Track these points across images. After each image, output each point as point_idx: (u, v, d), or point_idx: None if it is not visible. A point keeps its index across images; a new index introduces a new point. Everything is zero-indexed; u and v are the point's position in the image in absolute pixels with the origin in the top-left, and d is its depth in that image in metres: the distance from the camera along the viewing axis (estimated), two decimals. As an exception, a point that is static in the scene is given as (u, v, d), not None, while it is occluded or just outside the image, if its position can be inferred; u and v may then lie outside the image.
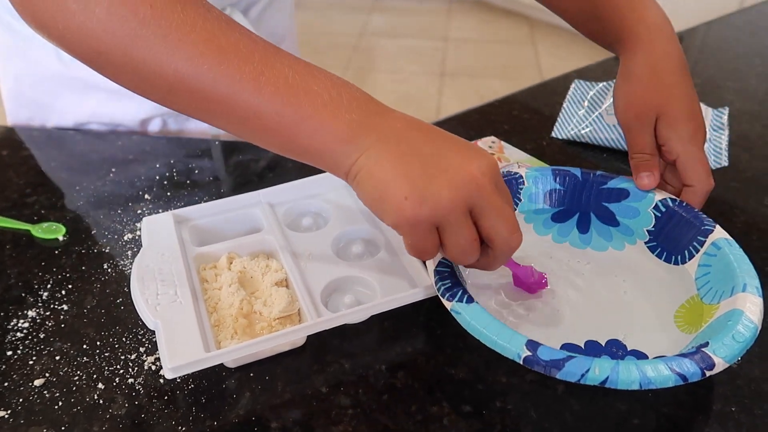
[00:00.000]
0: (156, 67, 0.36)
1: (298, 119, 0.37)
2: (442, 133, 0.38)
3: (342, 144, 0.37)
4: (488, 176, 0.36)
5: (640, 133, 0.49)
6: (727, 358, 0.36)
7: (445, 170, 0.36)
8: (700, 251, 0.46)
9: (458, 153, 0.37)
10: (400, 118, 0.38)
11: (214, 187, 0.61)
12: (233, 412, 0.40)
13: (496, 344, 0.37)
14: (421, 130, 0.38)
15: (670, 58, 0.50)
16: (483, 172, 0.36)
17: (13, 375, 0.42)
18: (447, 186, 0.35)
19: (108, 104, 0.69)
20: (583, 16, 0.56)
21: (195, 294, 0.44)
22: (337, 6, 3.47)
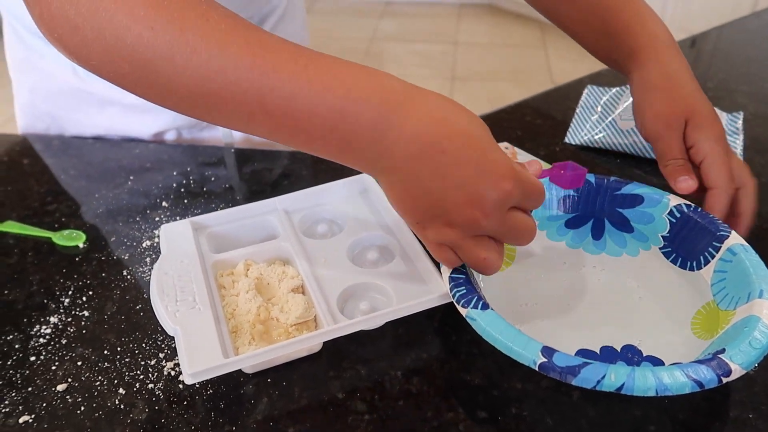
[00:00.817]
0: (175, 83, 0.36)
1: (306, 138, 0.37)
2: (458, 160, 0.36)
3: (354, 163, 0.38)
4: (492, 215, 0.36)
5: (671, 140, 0.51)
6: (743, 364, 0.36)
7: (446, 212, 0.37)
8: (716, 257, 0.46)
9: (464, 193, 0.36)
10: (411, 139, 0.36)
11: (230, 195, 0.62)
12: (251, 418, 0.41)
13: (512, 351, 0.38)
14: (432, 159, 0.36)
15: (684, 69, 0.53)
16: (486, 213, 0.36)
17: (37, 380, 0.43)
18: (449, 225, 0.37)
19: (123, 118, 0.70)
20: (594, 34, 0.57)
21: (213, 300, 0.44)
22: (347, 11, 3.49)
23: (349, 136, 0.36)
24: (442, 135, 0.36)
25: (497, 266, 0.40)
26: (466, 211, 0.36)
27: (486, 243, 0.39)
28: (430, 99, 0.37)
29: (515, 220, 0.38)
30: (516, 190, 0.37)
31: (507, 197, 0.36)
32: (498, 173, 0.36)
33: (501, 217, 0.37)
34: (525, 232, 0.40)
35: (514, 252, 0.51)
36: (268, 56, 0.35)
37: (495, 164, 0.36)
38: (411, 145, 0.36)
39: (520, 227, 0.39)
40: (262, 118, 0.37)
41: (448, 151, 0.36)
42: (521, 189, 0.37)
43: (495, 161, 0.36)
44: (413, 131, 0.36)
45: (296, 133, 0.37)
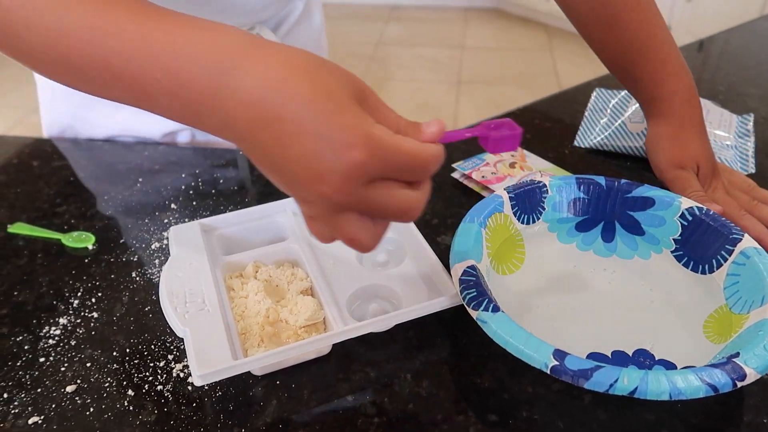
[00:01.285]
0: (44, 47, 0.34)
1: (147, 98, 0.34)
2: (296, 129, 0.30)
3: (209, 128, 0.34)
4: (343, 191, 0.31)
5: (689, 177, 0.56)
6: (758, 368, 0.36)
7: (296, 189, 0.32)
8: (729, 260, 0.45)
9: (307, 168, 0.30)
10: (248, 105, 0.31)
11: (239, 197, 0.62)
12: (260, 420, 0.40)
13: (523, 354, 0.37)
14: (269, 128, 0.31)
15: (695, 123, 0.58)
16: (335, 188, 0.30)
17: (46, 381, 0.43)
18: (304, 201, 0.33)
19: (137, 117, 0.70)
20: (621, 72, 0.61)
21: (222, 302, 0.44)
22: (354, 15, 3.50)
23: (190, 102, 0.32)
24: (280, 100, 0.30)
25: (369, 245, 0.33)
26: (314, 186, 0.31)
27: (352, 219, 0.32)
28: (271, 55, 0.31)
29: (381, 195, 0.31)
30: (373, 161, 0.30)
31: (358, 169, 0.30)
32: (344, 141, 0.29)
33: (358, 192, 0.31)
34: (398, 208, 0.32)
35: (523, 254, 0.51)
36: (111, 17, 0.33)
37: (342, 131, 0.30)
38: (248, 113, 0.31)
39: (390, 203, 0.32)
40: (113, 82, 0.34)
41: (286, 118, 0.30)
42: (383, 159, 0.30)
43: (343, 127, 0.30)
44: (248, 97, 0.31)
45: (145, 98, 0.34)
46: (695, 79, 0.59)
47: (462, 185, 0.63)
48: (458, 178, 0.63)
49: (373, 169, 0.30)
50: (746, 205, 0.55)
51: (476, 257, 0.45)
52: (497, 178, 0.61)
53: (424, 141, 0.33)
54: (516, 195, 0.51)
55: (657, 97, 0.58)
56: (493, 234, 0.49)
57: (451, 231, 0.56)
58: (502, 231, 0.50)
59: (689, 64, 0.59)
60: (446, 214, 0.59)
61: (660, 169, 0.59)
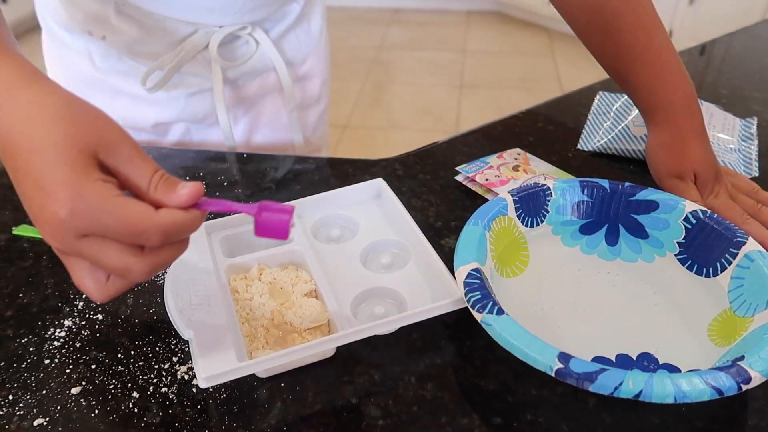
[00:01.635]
0: None
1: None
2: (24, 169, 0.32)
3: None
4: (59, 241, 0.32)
5: (685, 190, 0.56)
6: (764, 372, 0.36)
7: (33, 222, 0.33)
8: (733, 263, 0.45)
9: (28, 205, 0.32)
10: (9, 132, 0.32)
11: (244, 199, 0.62)
12: (265, 422, 0.40)
13: (528, 356, 0.37)
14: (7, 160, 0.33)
15: (695, 132, 0.57)
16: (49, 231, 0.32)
17: (51, 383, 0.43)
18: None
19: (132, 109, 0.72)
20: (619, 78, 0.61)
21: (227, 304, 0.44)
22: (356, 19, 3.51)
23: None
24: (18, 141, 0.32)
25: (94, 296, 0.34)
26: (36, 226, 0.32)
27: (82, 267, 0.34)
28: (32, 97, 0.33)
29: (93, 250, 0.32)
30: (75, 218, 0.31)
31: (60, 223, 0.31)
32: (52, 195, 0.31)
33: (70, 243, 0.32)
34: (112, 267, 0.33)
35: (527, 257, 0.51)
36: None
37: (52, 185, 0.31)
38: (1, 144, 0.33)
39: (103, 261, 0.32)
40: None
41: (18, 158, 0.32)
42: (87, 218, 0.31)
43: (55, 181, 0.31)
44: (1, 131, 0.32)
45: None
46: (697, 83, 0.59)
47: (465, 188, 0.63)
48: (462, 181, 0.63)
49: (79, 226, 0.31)
50: (750, 209, 0.55)
51: (480, 260, 0.45)
52: (501, 181, 0.61)
53: (174, 204, 0.33)
54: (520, 198, 0.51)
55: (654, 106, 0.58)
56: (497, 237, 0.49)
57: (455, 234, 0.56)
58: (506, 234, 0.50)
59: (691, 68, 0.59)
60: (450, 217, 0.59)
61: (658, 178, 0.59)
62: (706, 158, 0.56)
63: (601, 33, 0.58)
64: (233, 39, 0.71)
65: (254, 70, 0.74)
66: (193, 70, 0.71)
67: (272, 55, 0.73)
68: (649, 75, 0.57)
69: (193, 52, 0.69)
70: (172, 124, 0.74)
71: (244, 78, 0.74)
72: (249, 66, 0.73)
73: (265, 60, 0.74)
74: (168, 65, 0.68)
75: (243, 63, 0.72)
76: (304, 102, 0.82)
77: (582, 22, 0.60)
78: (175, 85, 0.71)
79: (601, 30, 0.58)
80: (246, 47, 0.72)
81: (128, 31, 0.67)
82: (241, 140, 0.79)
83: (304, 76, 0.81)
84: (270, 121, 0.79)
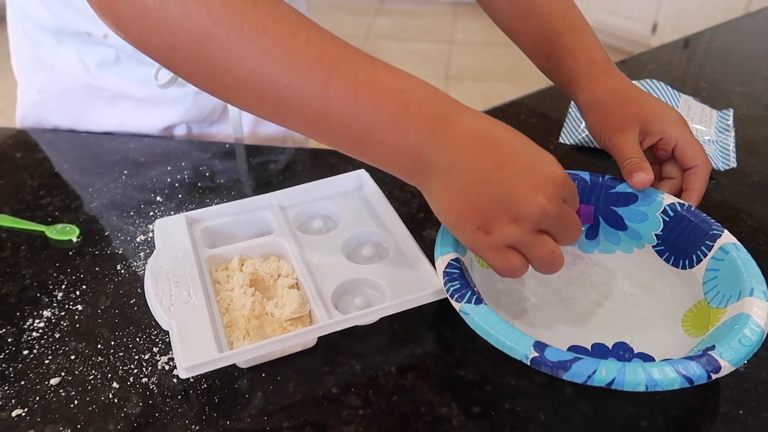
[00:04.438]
0: (227, 67, 0.36)
1: (366, 132, 0.37)
2: (513, 151, 0.38)
3: (410, 163, 0.38)
4: (554, 201, 0.38)
5: (626, 143, 0.52)
6: (733, 361, 0.36)
7: (512, 203, 0.37)
8: (708, 255, 0.46)
9: (526, 180, 0.37)
10: (470, 134, 0.38)
11: (225, 190, 0.62)
12: (245, 412, 0.41)
13: (504, 345, 0.38)
14: (490, 151, 0.38)
15: (626, 84, 0.55)
16: (549, 198, 0.37)
17: (30, 374, 0.43)
18: (514, 219, 0.38)
19: (133, 113, 0.70)
20: (542, 59, 0.61)
21: (208, 295, 0.44)
22: (342, 8, 3.48)
23: (405, 140, 0.37)
24: (495, 131, 0.38)
25: (561, 262, 0.40)
26: (531, 197, 0.37)
27: (549, 239, 0.39)
28: (469, 109, 0.40)
29: (569, 210, 0.40)
30: (567, 181, 0.39)
31: (563, 180, 0.38)
32: (550, 161, 0.39)
33: (560, 205, 0.38)
34: (576, 224, 0.40)
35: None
36: (338, 55, 0.37)
37: (544, 154, 0.39)
38: (469, 139, 0.38)
39: (573, 218, 0.40)
40: (312, 116, 0.37)
41: (503, 143, 0.38)
42: (568, 180, 0.39)
43: (542, 152, 0.39)
44: (470, 126, 0.38)
45: (347, 138, 0.38)
46: (680, 76, 0.60)
47: (448, 180, 0.63)
48: (444, 172, 0.64)
49: (568, 186, 0.39)
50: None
51: (460, 251, 0.45)
52: (483, 172, 0.61)
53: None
54: (501, 190, 0.51)
55: (578, 71, 0.57)
56: (478, 228, 0.49)
57: (437, 225, 0.56)
58: (487, 225, 0.50)
59: (674, 61, 0.60)
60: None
61: (600, 142, 0.55)
62: (647, 97, 0.54)
63: (520, 17, 0.60)
64: None
65: None
66: None
67: None
68: (569, 44, 0.58)
69: None
70: (176, 126, 0.73)
71: None
72: None
73: None
74: None
75: None
76: None
77: (502, 10, 0.62)
78: (183, 84, 0.70)
79: (520, 14, 0.60)
80: None
81: None
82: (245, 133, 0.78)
83: None
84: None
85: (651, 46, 2.49)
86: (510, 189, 0.37)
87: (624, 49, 2.93)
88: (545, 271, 0.41)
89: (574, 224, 0.40)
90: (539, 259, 0.39)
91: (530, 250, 0.39)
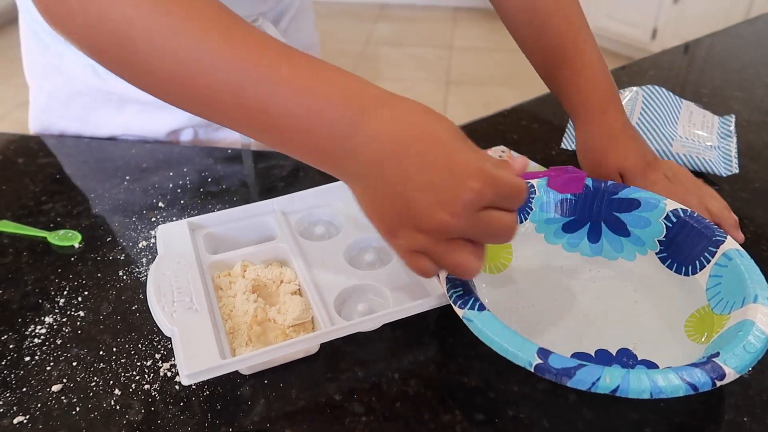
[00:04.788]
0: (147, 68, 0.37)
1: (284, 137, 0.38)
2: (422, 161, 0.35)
3: (331, 170, 0.39)
4: (461, 217, 0.35)
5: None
6: (737, 368, 0.36)
7: (413, 216, 0.36)
8: (711, 262, 0.46)
9: (429, 195, 0.35)
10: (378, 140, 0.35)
11: (228, 196, 0.62)
12: (248, 419, 0.40)
13: (508, 352, 0.38)
14: (397, 161, 0.35)
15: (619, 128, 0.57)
16: (454, 214, 0.35)
17: (31, 380, 0.43)
18: (418, 229, 0.36)
19: (140, 116, 0.70)
20: (547, 79, 0.62)
21: (210, 301, 0.44)
22: (343, 14, 3.49)
23: (324, 140, 0.36)
24: (406, 138, 0.35)
25: (475, 269, 0.38)
26: (433, 213, 0.35)
27: (460, 246, 0.37)
28: (402, 105, 0.37)
29: (489, 219, 0.36)
30: (487, 189, 0.35)
31: (475, 197, 0.35)
32: (465, 173, 0.35)
33: (472, 218, 0.35)
34: (501, 231, 0.37)
35: (510, 255, 0.51)
36: (250, 49, 0.36)
37: (462, 164, 0.35)
38: (374, 147, 0.36)
39: (495, 226, 0.36)
40: (236, 111, 0.37)
41: (411, 153, 0.35)
42: (494, 188, 0.35)
43: (462, 161, 0.35)
44: (376, 134, 0.35)
45: (271, 131, 0.37)
46: (680, 82, 0.60)
47: (450, 185, 0.63)
48: (446, 178, 0.64)
49: (486, 198, 0.35)
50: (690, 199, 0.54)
51: (464, 257, 0.45)
52: (485, 178, 0.61)
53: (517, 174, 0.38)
54: (503, 196, 0.51)
55: (576, 105, 0.58)
56: (481, 234, 0.49)
57: (439, 231, 0.56)
58: (490, 231, 0.50)
59: (675, 67, 0.60)
60: (434, 214, 0.59)
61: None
62: (630, 155, 0.56)
63: (533, 33, 0.60)
64: None
65: None
66: None
67: None
68: (571, 74, 0.58)
69: None
70: (182, 130, 0.73)
71: None
72: None
73: None
74: None
75: None
76: None
77: (520, 21, 0.61)
78: None
79: (533, 30, 0.59)
80: None
81: None
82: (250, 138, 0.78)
83: None
84: None
85: (651, 51, 2.49)
86: (412, 202, 0.35)
87: (623, 54, 2.93)
88: (457, 276, 0.40)
89: (499, 229, 0.37)
90: (447, 267, 0.38)
91: (437, 258, 0.37)
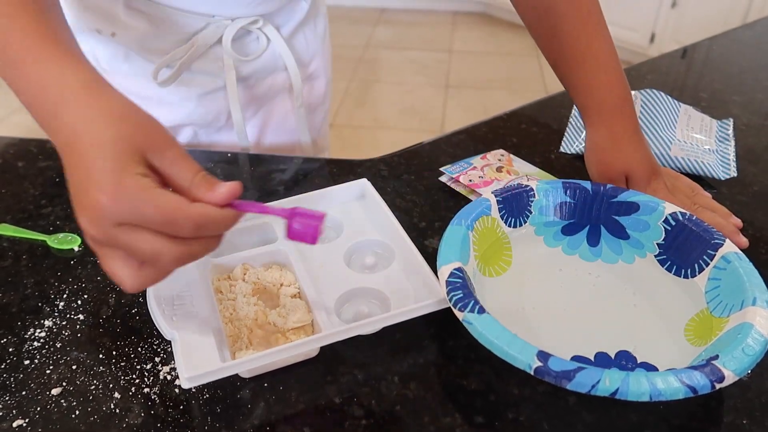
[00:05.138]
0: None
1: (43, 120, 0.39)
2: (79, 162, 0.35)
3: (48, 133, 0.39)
4: (96, 227, 0.34)
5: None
6: (736, 371, 0.36)
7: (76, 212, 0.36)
8: (710, 265, 0.46)
9: (78, 196, 0.35)
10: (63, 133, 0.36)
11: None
12: (248, 422, 0.40)
13: (508, 354, 0.38)
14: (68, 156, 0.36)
15: (625, 132, 0.58)
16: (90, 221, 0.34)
17: (31, 384, 0.43)
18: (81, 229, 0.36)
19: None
20: (562, 78, 0.62)
21: (210, 305, 0.44)
22: (343, 17, 3.50)
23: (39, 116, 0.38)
24: (79, 134, 0.35)
25: (127, 286, 0.36)
26: (78, 214, 0.35)
27: (110, 254, 0.36)
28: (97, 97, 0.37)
29: (128, 238, 0.34)
30: (116, 206, 0.33)
31: (102, 209, 0.33)
32: (98, 184, 0.33)
33: (107, 230, 0.34)
34: (144, 254, 0.35)
35: (510, 257, 0.52)
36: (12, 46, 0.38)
37: (100, 174, 0.34)
38: (65, 137, 0.36)
39: (135, 247, 0.34)
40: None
41: (76, 151, 0.35)
42: (128, 206, 0.33)
43: (102, 170, 0.34)
44: (66, 126, 0.36)
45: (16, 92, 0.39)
46: (678, 86, 0.60)
47: (449, 189, 0.63)
48: (446, 181, 0.64)
49: (117, 212, 0.33)
50: (688, 209, 0.55)
51: (463, 260, 0.45)
52: (484, 182, 0.62)
53: (210, 201, 0.36)
54: (503, 198, 0.51)
55: (588, 106, 0.59)
56: (481, 237, 0.49)
57: (439, 234, 0.56)
58: (490, 234, 0.50)
59: (673, 72, 0.60)
60: (434, 217, 0.59)
61: (592, 179, 0.59)
62: (638, 158, 0.57)
63: (548, 33, 0.60)
64: (244, 34, 0.71)
65: (265, 69, 0.74)
66: (204, 69, 0.70)
67: (283, 53, 0.73)
68: (585, 76, 0.58)
69: (204, 47, 0.68)
70: (181, 127, 0.73)
71: (256, 76, 0.74)
72: (260, 64, 0.73)
73: (275, 58, 0.74)
74: (179, 60, 0.67)
75: (255, 58, 0.71)
76: (312, 103, 0.82)
77: (532, 19, 0.61)
78: (187, 84, 0.70)
79: (548, 29, 0.60)
80: (257, 44, 0.72)
81: (138, 26, 0.66)
82: (251, 141, 0.78)
83: (311, 75, 0.81)
84: (279, 122, 0.79)
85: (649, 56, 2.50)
86: (73, 197, 0.35)
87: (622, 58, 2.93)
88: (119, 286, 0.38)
89: (138, 252, 0.35)
90: (107, 272, 0.37)
91: (99, 259, 0.37)
